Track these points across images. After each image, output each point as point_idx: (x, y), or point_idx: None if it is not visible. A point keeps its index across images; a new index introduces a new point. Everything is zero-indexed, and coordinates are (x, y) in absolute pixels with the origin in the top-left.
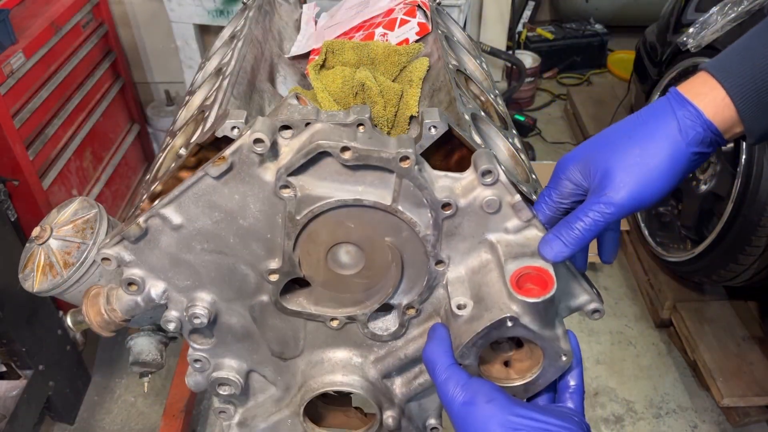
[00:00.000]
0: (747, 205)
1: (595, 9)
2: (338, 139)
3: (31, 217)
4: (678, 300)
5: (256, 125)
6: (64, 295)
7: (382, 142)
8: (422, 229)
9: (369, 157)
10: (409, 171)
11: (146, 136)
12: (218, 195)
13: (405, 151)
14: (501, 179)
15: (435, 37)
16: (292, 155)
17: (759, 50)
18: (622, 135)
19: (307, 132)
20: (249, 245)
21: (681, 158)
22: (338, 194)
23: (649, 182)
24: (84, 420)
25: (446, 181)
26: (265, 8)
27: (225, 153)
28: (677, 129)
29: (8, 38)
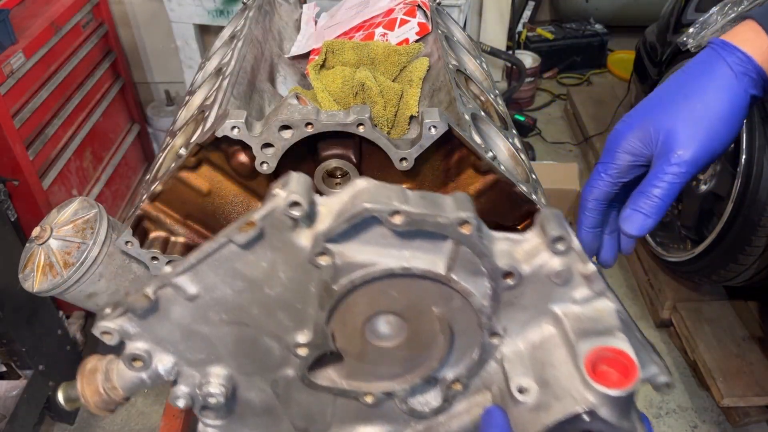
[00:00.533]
0: (747, 205)
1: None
2: (387, 201)
3: (31, 217)
4: (678, 300)
5: (292, 184)
6: (64, 295)
7: (436, 203)
8: (478, 300)
9: (423, 222)
10: (470, 237)
11: (146, 136)
12: (242, 262)
13: (465, 215)
14: (574, 246)
15: (435, 37)
16: (333, 220)
17: None
18: (676, 92)
19: (348, 191)
20: (275, 316)
21: (741, 104)
22: (383, 261)
23: (716, 133)
24: (84, 420)
25: (505, 244)
26: (265, 8)
27: (254, 217)
28: (732, 76)
29: (8, 38)
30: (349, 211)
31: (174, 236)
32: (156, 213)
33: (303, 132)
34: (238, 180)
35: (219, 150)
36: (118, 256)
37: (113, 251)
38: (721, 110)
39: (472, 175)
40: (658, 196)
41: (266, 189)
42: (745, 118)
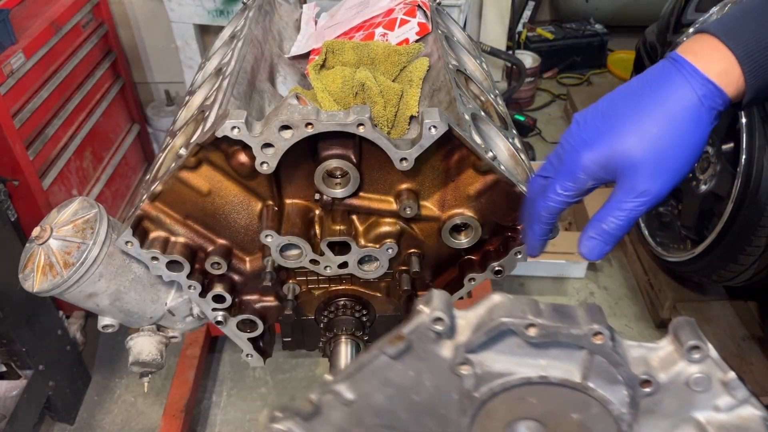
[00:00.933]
0: (747, 205)
1: (595, 9)
2: (522, 315)
3: (31, 217)
4: (678, 300)
5: (434, 302)
6: (64, 295)
7: (568, 315)
8: (616, 408)
9: (557, 333)
10: (603, 347)
11: (146, 136)
12: (393, 372)
13: (598, 327)
14: (711, 355)
15: (435, 37)
16: (472, 333)
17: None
18: (641, 116)
19: (484, 305)
20: (421, 420)
21: (706, 135)
22: (521, 370)
23: (682, 167)
24: (84, 420)
25: (640, 352)
26: (265, 8)
27: (403, 332)
28: (701, 108)
29: (8, 38)
30: (488, 324)
31: (174, 236)
32: (156, 213)
33: (303, 132)
34: (238, 180)
35: (219, 150)
36: (118, 256)
37: (113, 251)
38: (689, 145)
39: (472, 175)
40: (617, 227)
41: (266, 189)
42: None
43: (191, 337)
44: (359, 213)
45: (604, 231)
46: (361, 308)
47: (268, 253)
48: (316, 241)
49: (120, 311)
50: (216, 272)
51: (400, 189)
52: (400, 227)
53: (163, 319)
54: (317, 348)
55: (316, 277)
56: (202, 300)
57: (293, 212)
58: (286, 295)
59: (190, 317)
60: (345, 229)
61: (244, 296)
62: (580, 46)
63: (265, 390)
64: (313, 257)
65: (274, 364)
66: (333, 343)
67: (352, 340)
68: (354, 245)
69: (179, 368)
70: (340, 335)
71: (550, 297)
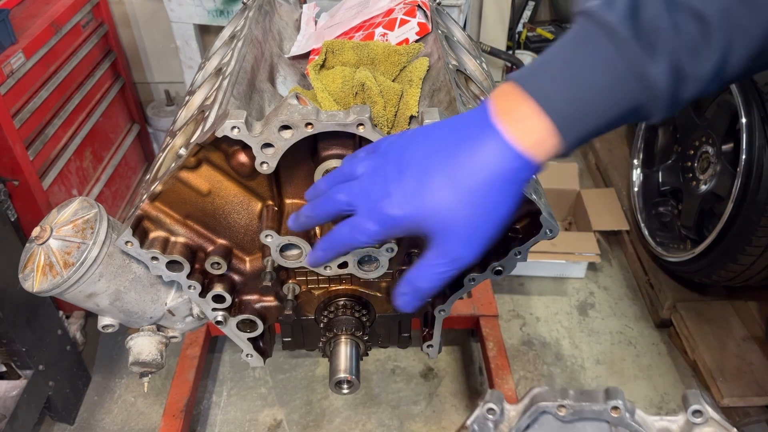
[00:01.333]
0: (747, 205)
1: None
2: (554, 400)
3: (31, 217)
4: (678, 300)
5: (488, 397)
6: (64, 295)
7: (591, 396)
8: None
9: (582, 411)
10: (622, 419)
11: (146, 136)
12: None
13: (614, 402)
14: (712, 416)
15: (435, 37)
16: (519, 417)
17: (580, 69)
18: (456, 180)
19: (528, 396)
20: None
21: (516, 201)
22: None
23: (493, 232)
24: (84, 420)
25: (663, 424)
26: (265, 8)
27: (467, 422)
28: (512, 178)
29: (8, 38)
30: (529, 409)
31: (174, 236)
32: (156, 213)
33: (303, 132)
34: (238, 180)
35: (219, 150)
36: (118, 256)
37: (113, 251)
38: (500, 213)
39: None
40: (429, 287)
41: (266, 189)
42: None
43: (191, 337)
44: None
45: (417, 289)
46: (361, 308)
47: (268, 253)
48: (316, 241)
49: (120, 311)
50: (216, 272)
51: None
52: None
53: (163, 319)
54: (317, 348)
55: (316, 277)
56: (202, 300)
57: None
58: (286, 295)
59: (190, 317)
60: None
61: (244, 296)
62: None
63: (265, 390)
64: None
65: (274, 364)
66: (333, 343)
67: (352, 340)
68: None
69: (179, 368)
70: (340, 335)
71: (550, 297)
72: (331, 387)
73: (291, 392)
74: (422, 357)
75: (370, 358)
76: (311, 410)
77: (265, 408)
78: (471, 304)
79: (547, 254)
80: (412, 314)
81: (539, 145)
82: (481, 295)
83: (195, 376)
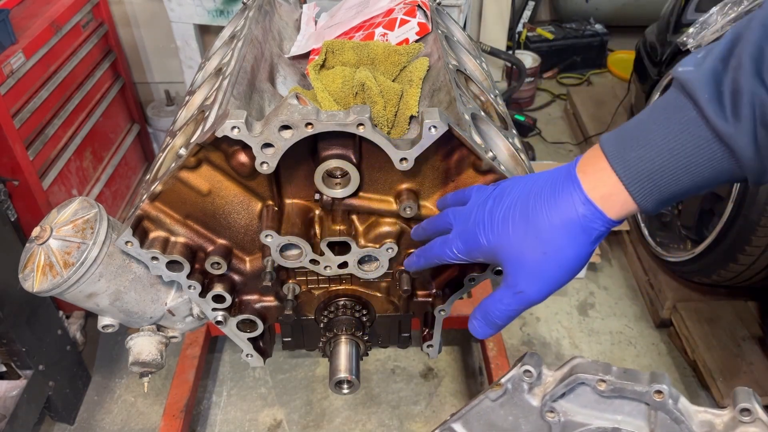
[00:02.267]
0: (747, 205)
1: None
2: (594, 373)
3: (31, 217)
4: (678, 300)
5: (526, 359)
6: (64, 295)
7: (635, 377)
8: None
9: (623, 389)
10: (664, 404)
11: (146, 136)
12: (495, 415)
13: (659, 386)
14: (761, 417)
15: (435, 37)
16: (555, 384)
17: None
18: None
19: (568, 365)
20: None
21: (581, 253)
22: (597, 422)
23: (556, 277)
24: (84, 420)
25: (706, 416)
26: (265, 8)
27: (501, 380)
28: (579, 226)
29: (8, 38)
30: (567, 378)
31: (174, 236)
32: (156, 213)
33: (303, 132)
34: (238, 180)
35: (219, 150)
36: (118, 256)
37: (113, 251)
38: (564, 259)
39: (472, 175)
40: (499, 318)
41: (266, 189)
42: None
43: (191, 337)
44: (359, 213)
45: (489, 318)
46: (361, 308)
47: (268, 253)
48: (316, 241)
49: (120, 311)
50: (216, 272)
51: (400, 189)
52: (400, 227)
53: (163, 319)
54: (317, 348)
55: (316, 277)
56: (202, 300)
57: (293, 212)
58: (286, 295)
59: (190, 317)
60: (345, 229)
61: (244, 296)
62: (580, 46)
63: (265, 390)
64: (313, 257)
65: (274, 364)
66: (333, 343)
67: (352, 340)
68: (354, 245)
69: (179, 368)
70: (340, 335)
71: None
72: (331, 387)
73: (291, 392)
74: (422, 357)
75: (370, 358)
76: (311, 410)
77: (265, 408)
78: (471, 304)
79: None
80: (411, 314)
81: (609, 199)
82: (482, 295)
83: (195, 376)
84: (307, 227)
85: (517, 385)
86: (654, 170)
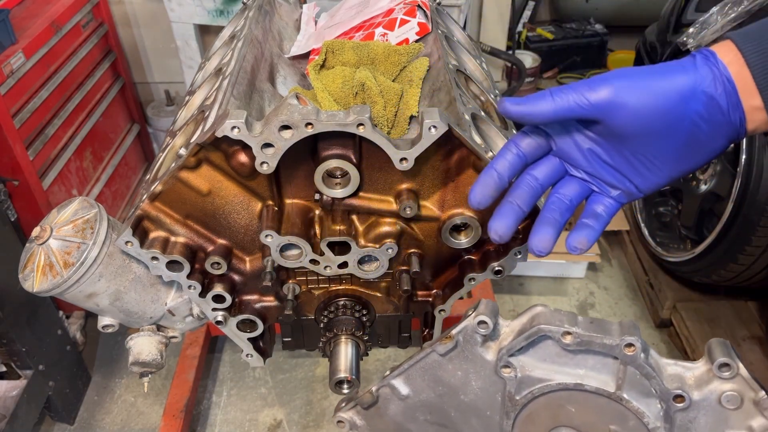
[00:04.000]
0: (747, 205)
1: (595, 9)
2: (559, 324)
3: (31, 217)
4: (678, 300)
5: (480, 308)
6: (64, 295)
7: (603, 328)
8: (651, 421)
9: (591, 342)
10: (635, 359)
11: (146, 136)
12: (443, 370)
13: (629, 339)
14: (741, 373)
15: (435, 37)
16: (513, 337)
17: None
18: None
19: (527, 314)
20: (468, 420)
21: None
22: (559, 377)
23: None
24: (84, 420)
25: (676, 370)
26: (265, 8)
27: (451, 332)
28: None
29: (8, 38)
30: (527, 330)
31: (174, 236)
32: (156, 213)
33: (303, 132)
34: (238, 180)
35: (219, 150)
36: (118, 256)
37: (113, 251)
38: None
39: (472, 175)
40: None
41: (266, 189)
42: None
43: (191, 337)
44: (359, 213)
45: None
46: (361, 308)
47: (268, 253)
48: (316, 241)
49: (120, 311)
50: (216, 272)
51: (400, 189)
52: (400, 227)
53: (163, 319)
54: (317, 348)
55: (316, 277)
56: (202, 300)
57: (293, 212)
58: (286, 295)
59: (190, 317)
60: (345, 229)
61: (244, 296)
62: (580, 46)
63: (265, 390)
64: (313, 257)
65: (274, 364)
66: (333, 343)
67: (352, 340)
68: (354, 245)
69: (179, 368)
70: (340, 335)
71: (550, 297)
72: (331, 387)
73: (291, 392)
74: None
75: (370, 358)
76: (311, 410)
77: (265, 408)
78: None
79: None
80: (411, 314)
81: (731, 65)
82: (481, 295)
83: (195, 376)
84: (307, 227)
85: (470, 338)
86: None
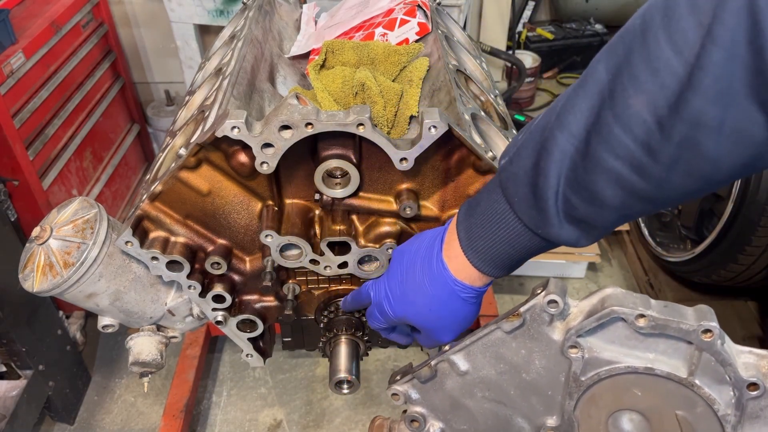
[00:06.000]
0: (747, 205)
1: (595, 9)
2: (633, 306)
3: (31, 217)
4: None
5: (551, 287)
6: (64, 295)
7: (679, 312)
8: (722, 408)
9: (666, 326)
10: (712, 345)
11: (146, 136)
12: (506, 348)
13: (708, 324)
14: None
15: (435, 37)
16: (583, 318)
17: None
18: (427, 298)
19: (598, 295)
20: (529, 399)
21: (471, 307)
22: (628, 360)
23: (458, 326)
24: (84, 420)
25: (750, 358)
26: (265, 8)
27: (520, 310)
28: (465, 300)
29: (8, 38)
30: (599, 311)
31: (174, 236)
32: (156, 213)
33: (303, 132)
34: (238, 180)
35: (219, 150)
36: (118, 256)
37: (113, 251)
38: (459, 316)
39: (472, 175)
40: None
41: (266, 189)
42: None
43: (191, 337)
44: (359, 213)
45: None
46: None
47: (268, 253)
48: (316, 241)
49: (120, 311)
50: (216, 272)
51: (400, 189)
52: (400, 227)
53: (163, 319)
54: (317, 348)
55: (316, 277)
56: (202, 300)
57: (293, 212)
58: (286, 295)
59: (190, 317)
60: (345, 229)
61: (244, 296)
62: (580, 46)
63: (265, 390)
64: (313, 257)
65: (274, 364)
66: (333, 343)
67: (352, 340)
68: (354, 245)
69: (179, 368)
70: (340, 335)
71: None
72: (331, 387)
73: (291, 392)
74: (422, 357)
75: (370, 358)
76: (311, 410)
77: (265, 408)
78: None
79: (546, 254)
80: None
81: (470, 278)
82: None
83: (195, 376)
84: (307, 227)
85: (537, 317)
86: (493, 255)
